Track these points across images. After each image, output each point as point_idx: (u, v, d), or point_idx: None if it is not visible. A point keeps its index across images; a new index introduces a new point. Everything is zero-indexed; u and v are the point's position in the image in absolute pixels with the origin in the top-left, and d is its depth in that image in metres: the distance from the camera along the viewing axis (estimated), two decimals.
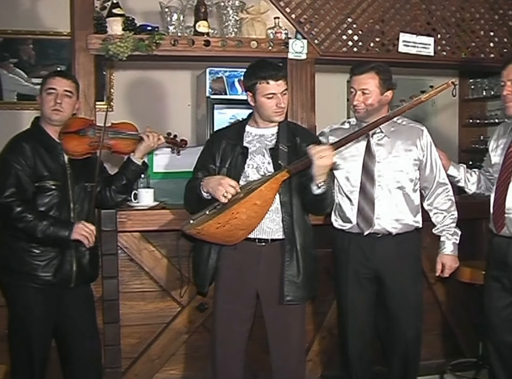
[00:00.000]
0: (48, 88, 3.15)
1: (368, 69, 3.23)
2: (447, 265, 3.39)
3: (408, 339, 3.36)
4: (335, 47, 4.17)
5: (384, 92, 3.24)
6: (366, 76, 3.23)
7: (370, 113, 3.24)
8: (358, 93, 3.25)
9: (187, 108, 5.98)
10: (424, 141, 3.34)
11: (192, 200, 3.18)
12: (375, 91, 3.22)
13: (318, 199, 3.04)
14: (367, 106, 3.24)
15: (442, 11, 4.33)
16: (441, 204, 3.39)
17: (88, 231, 3.04)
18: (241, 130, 3.23)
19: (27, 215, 2.98)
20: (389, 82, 3.27)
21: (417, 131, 3.35)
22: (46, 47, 5.69)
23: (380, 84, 3.22)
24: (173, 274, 3.67)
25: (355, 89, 3.26)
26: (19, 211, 2.98)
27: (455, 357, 4.15)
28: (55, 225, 3.01)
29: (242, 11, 4.15)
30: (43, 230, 2.98)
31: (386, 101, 3.28)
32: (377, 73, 3.23)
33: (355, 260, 3.32)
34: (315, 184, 2.97)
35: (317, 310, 3.90)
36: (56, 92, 3.14)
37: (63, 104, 3.14)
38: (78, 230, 3.03)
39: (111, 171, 3.48)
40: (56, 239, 3.03)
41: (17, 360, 3.10)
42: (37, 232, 2.98)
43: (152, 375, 3.72)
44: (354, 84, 3.27)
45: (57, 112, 3.14)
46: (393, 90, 3.30)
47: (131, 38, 3.78)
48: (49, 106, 3.14)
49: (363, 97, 3.23)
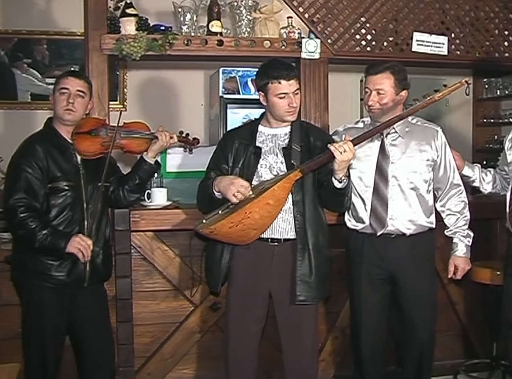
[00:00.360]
0: (61, 88, 3.16)
1: (383, 69, 3.21)
2: (459, 267, 3.37)
3: (422, 340, 3.34)
4: (349, 47, 4.15)
5: (399, 92, 3.23)
6: (381, 76, 3.21)
7: (384, 113, 3.22)
8: (373, 93, 3.23)
9: (200, 108, 5.99)
10: (439, 142, 3.32)
11: (205, 199, 3.19)
12: (390, 91, 3.21)
13: (339, 193, 3.05)
14: (382, 106, 3.22)
15: (456, 10, 4.30)
16: (454, 205, 3.36)
17: (84, 245, 3.02)
18: (254, 130, 3.23)
19: (29, 223, 2.97)
20: (404, 82, 3.25)
21: (432, 132, 3.34)
22: (60, 47, 5.72)
23: (395, 84, 3.21)
24: (186, 274, 3.68)
25: (370, 89, 3.25)
26: (23, 217, 2.98)
27: (469, 357, 4.13)
28: (52, 236, 2.99)
29: (255, 11, 4.15)
30: (40, 241, 2.97)
31: (401, 101, 3.26)
32: (392, 73, 3.21)
33: (369, 261, 3.31)
34: (336, 179, 2.97)
35: (330, 310, 3.89)
36: (69, 92, 3.14)
37: (75, 104, 3.14)
38: (74, 244, 3.00)
39: (124, 171, 3.49)
40: (52, 250, 3.01)
41: (31, 359, 3.11)
42: (35, 242, 2.98)
43: (165, 374, 3.74)
44: (369, 84, 3.25)
45: (70, 111, 3.14)
46: (408, 90, 3.28)
47: (145, 38, 3.79)
48: (61, 106, 3.14)
49: (378, 97, 3.22)
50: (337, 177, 2.97)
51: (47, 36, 5.66)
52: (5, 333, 3.50)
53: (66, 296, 3.11)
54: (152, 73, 5.79)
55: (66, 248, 3.00)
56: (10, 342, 3.47)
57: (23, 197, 3.00)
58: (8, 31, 5.58)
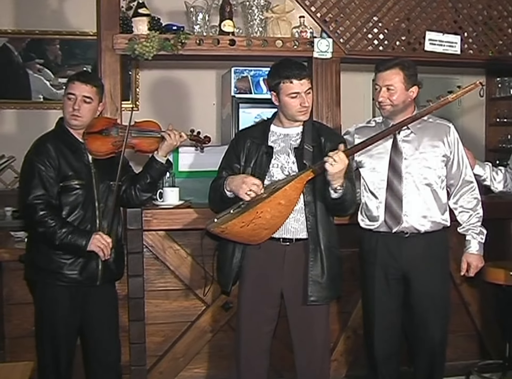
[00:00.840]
0: (68, 93, 3.16)
1: (392, 65, 3.21)
2: (472, 265, 3.35)
3: (435, 340, 3.33)
4: (361, 46, 4.14)
5: (409, 87, 3.22)
6: (391, 72, 3.20)
7: (396, 111, 3.22)
8: (383, 90, 3.22)
9: (212, 107, 6.00)
10: (451, 138, 3.30)
11: (216, 199, 3.19)
12: (400, 87, 3.20)
13: (336, 203, 3.04)
14: (392, 102, 3.21)
15: (469, 9, 4.28)
16: (466, 202, 3.35)
17: (104, 243, 3.05)
18: (266, 130, 3.23)
19: (49, 220, 3.00)
20: (414, 78, 3.24)
21: (444, 128, 3.33)
22: (73, 47, 5.75)
23: (405, 80, 3.20)
24: (197, 273, 3.68)
25: (379, 86, 3.24)
26: (42, 215, 3.00)
27: (481, 358, 4.11)
28: (73, 234, 3.01)
29: (267, 10, 4.15)
30: (61, 238, 2.99)
31: (411, 97, 3.25)
32: (402, 68, 3.20)
33: (382, 261, 3.30)
34: (332, 189, 2.97)
35: (342, 310, 3.88)
36: (75, 97, 3.14)
37: (81, 110, 3.13)
38: (95, 242, 3.03)
39: (135, 170, 3.49)
40: (73, 248, 3.03)
41: (44, 357, 3.13)
42: (55, 239, 3.00)
43: (177, 373, 3.74)
44: (379, 81, 3.24)
45: (75, 117, 3.14)
46: (418, 86, 3.27)
47: (157, 37, 3.79)
48: (67, 111, 3.15)
49: (388, 93, 3.21)
50: (333, 187, 2.96)
51: (60, 36, 5.70)
52: (18, 331, 3.53)
53: (79, 294, 3.12)
54: (164, 73, 5.81)
55: (87, 246, 3.02)
56: (22, 340, 3.49)
57: (42, 194, 3.02)
58: (21, 31, 5.62)
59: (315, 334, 3.16)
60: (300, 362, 3.20)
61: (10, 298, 3.54)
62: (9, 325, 3.55)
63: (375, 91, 3.30)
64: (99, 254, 3.05)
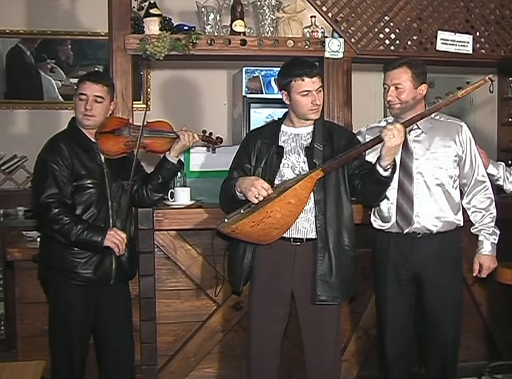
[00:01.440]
0: (79, 94, 3.17)
1: (400, 64, 3.21)
2: (484, 265, 3.33)
3: (447, 341, 3.32)
4: (372, 46, 4.14)
5: (418, 86, 3.21)
6: (398, 71, 3.20)
7: (405, 109, 3.21)
8: (391, 89, 3.22)
9: (223, 107, 6.00)
10: (463, 137, 3.29)
11: (227, 199, 3.20)
12: (408, 85, 3.19)
13: (383, 182, 2.99)
14: (401, 101, 3.20)
15: (481, 9, 4.26)
16: (479, 202, 3.33)
17: (120, 239, 3.07)
18: (277, 130, 3.23)
19: (64, 217, 3.02)
20: (422, 76, 3.23)
21: (456, 127, 3.31)
22: (84, 47, 5.76)
23: (413, 78, 3.19)
24: (209, 273, 3.68)
25: (388, 85, 3.24)
26: (57, 212, 3.02)
27: (493, 359, 4.09)
28: (88, 230, 3.03)
29: (279, 10, 4.14)
30: (77, 234, 3.01)
31: (420, 95, 3.24)
32: (409, 67, 3.19)
33: (395, 261, 3.30)
34: (381, 167, 2.94)
35: (353, 310, 3.88)
36: (86, 97, 3.16)
37: (93, 110, 3.16)
38: (110, 237, 3.05)
39: (147, 170, 3.50)
40: (89, 244, 3.05)
41: (57, 356, 3.15)
42: (71, 236, 3.02)
43: (188, 373, 3.75)
44: (387, 80, 3.24)
45: (88, 117, 3.16)
46: (427, 84, 3.25)
47: (168, 38, 3.80)
48: (80, 111, 3.17)
49: (397, 92, 3.21)
50: (383, 164, 2.92)
51: (72, 37, 5.71)
52: (30, 330, 3.55)
53: (93, 293, 3.14)
54: (176, 73, 5.82)
55: (103, 242, 3.04)
56: (34, 339, 3.52)
57: (55, 193, 3.04)
58: (33, 32, 5.64)
59: (325, 334, 3.16)
60: (310, 362, 3.20)
61: (22, 297, 3.56)
62: (21, 324, 3.57)
63: (384, 90, 3.29)
64: (114, 250, 3.07)
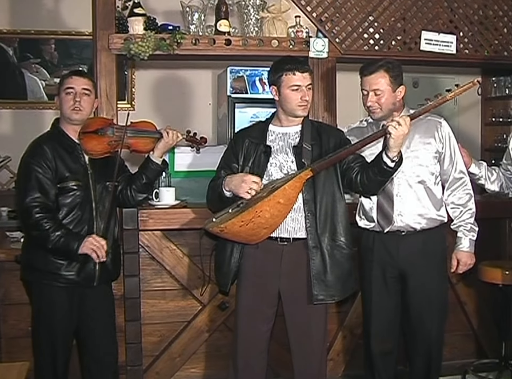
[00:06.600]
0: (66, 88, 3.16)
1: (376, 68, 3.18)
2: (461, 262, 3.33)
3: (431, 339, 3.34)
4: (357, 46, 4.15)
5: (396, 88, 3.21)
6: (376, 76, 3.18)
7: (385, 113, 3.21)
8: (370, 94, 3.20)
9: (208, 107, 6.00)
10: (442, 133, 3.29)
11: (215, 199, 3.19)
12: (387, 89, 3.19)
13: (387, 173, 2.96)
14: (381, 105, 3.20)
15: (464, 9, 4.29)
16: (458, 198, 3.33)
17: (98, 245, 3.03)
18: (264, 129, 3.22)
19: (43, 224, 2.98)
20: (399, 78, 3.22)
21: (434, 123, 3.32)
22: (68, 47, 5.75)
23: (391, 82, 3.18)
24: (194, 273, 3.68)
25: (367, 90, 3.22)
26: (37, 218, 2.99)
27: (477, 357, 4.12)
28: (65, 237, 3.00)
29: (263, 10, 4.15)
30: (54, 242, 2.98)
31: (399, 97, 3.24)
32: (387, 71, 3.18)
33: (380, 259, 3.31)
34: (389, 157, 2.92)
35: (339, 309, 3.89)
36: (74, 91, 3.14)
37: (82, 103, 3.14)
38: (87, 244, 3.01)
39: (131, 170, 3.49)
40: (65, 251, 3.02)
41: (41, 358, 3.12)
42: (48, 243, 2.99)
43: (173, 373, 3.74)
44: (365, 86, 3.22)
45: (77, 111, 3.14)
46: (404, 85, 3.25)
47: (153, 37, 3.79)
48: (68, 105, 3.14)
49: (376, 98, 3.20)
50: (391, 155, 2.90)
51: (56, 36, 5.69)
52: (14, 331, 3.52)
53: (76, 295, 3.12)
54: (160, 73, 5.81)
55: (78, 250, 3.00)
56: (18, 340, 3.49)
57: (38, 197, 3.01)
58: (17, 31, 5.61)
59: (312, 334, 3.16)
60: (297, 362, 3.20)
61: (6, 299, 3.53)
62: (5, 325, 3.54)
63: (363, 95, 3.26)
64: (92, 256, 3.03)
